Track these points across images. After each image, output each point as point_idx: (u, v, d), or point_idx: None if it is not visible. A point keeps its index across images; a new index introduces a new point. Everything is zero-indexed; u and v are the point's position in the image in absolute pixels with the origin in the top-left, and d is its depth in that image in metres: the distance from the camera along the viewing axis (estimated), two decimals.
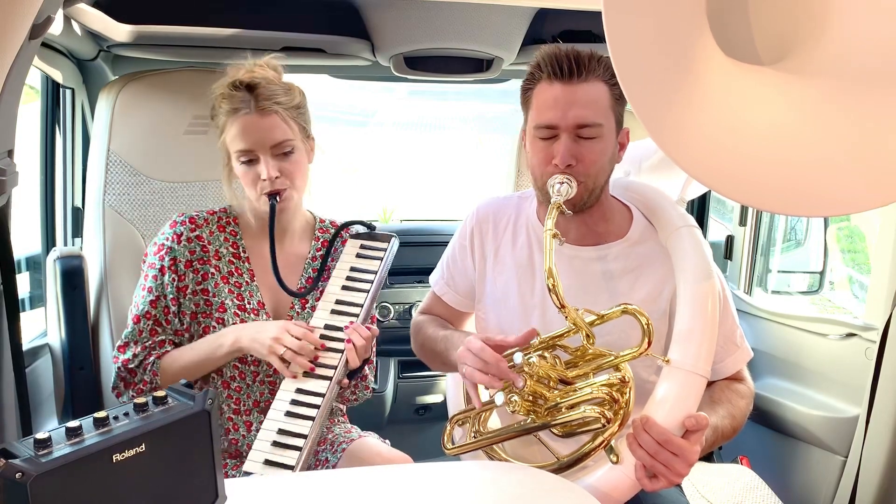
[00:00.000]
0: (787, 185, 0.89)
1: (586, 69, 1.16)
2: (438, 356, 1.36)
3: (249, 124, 1.29)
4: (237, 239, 1.41)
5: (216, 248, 1.39)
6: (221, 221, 1.42)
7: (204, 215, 1.40)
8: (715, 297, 1.18)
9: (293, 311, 1.42)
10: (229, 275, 1.38)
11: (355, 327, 1.30)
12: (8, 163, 1.06)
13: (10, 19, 0.87)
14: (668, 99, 0.87)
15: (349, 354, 1.29)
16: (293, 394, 1.28)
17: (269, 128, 1.29)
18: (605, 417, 1.07)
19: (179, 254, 1.35)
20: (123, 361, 1.33)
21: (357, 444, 1.37)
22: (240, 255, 1.40)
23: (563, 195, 1.16)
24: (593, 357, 1.13)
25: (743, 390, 1.27)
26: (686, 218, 1.28)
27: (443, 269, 1.48)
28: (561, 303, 1.09)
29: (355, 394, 1.48)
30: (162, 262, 1.35)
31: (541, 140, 1.21)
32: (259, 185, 1.31)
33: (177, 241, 1.36)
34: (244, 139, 1.29)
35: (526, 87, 1.24)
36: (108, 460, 0.73)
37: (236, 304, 1.37)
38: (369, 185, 6.96)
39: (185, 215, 1.39)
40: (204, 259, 1.37)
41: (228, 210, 1.44)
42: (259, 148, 1.30)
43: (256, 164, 1.30)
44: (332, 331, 1.33)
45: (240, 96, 1.29)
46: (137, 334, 1.34)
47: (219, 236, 1.40)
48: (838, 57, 0.92)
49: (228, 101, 1.30)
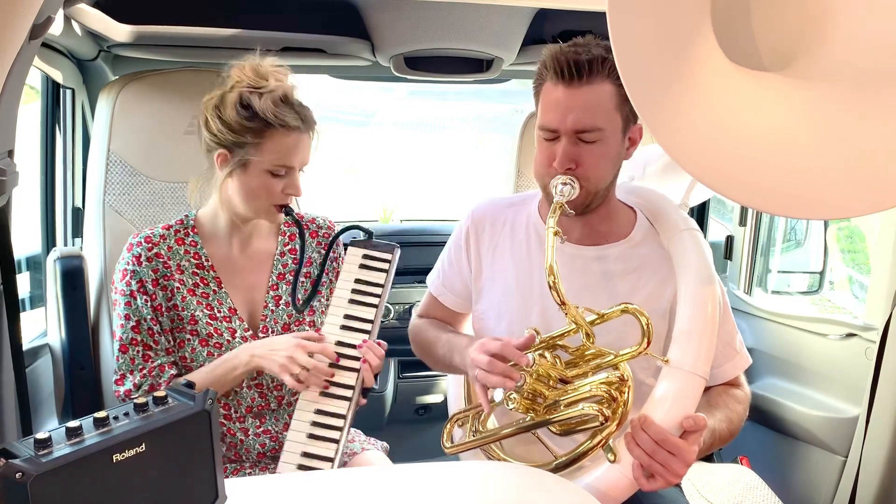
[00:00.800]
0: (787, 188, 0.89)
1: (589, 72, 1.15)
2: (441, 360, 1.36)
3: (300, 143, 1.31)
4: (198, 249, 1.39)
5: (177, 263, 1.36)
6: (179, 234, 1.39)
7: (160, 231, 1.38)
8: (715, 300, 1.18)
9: (267, 310, 1.40)
10: (195, 286, 1.36)
11: (370, 346, 1.30)
12: (8, 163, 1.06)
13: (10, 19, 0.87)
14: (670, 100, 0.87)
15: (366, 375, 1.29)
16: (313, 415, 1.27)
17: (307, 148, 1.34)
18: (604, 415, 1.08)
19: (144, 275, 1.33)
20: (125, 392, 1.31)
21: (358, 458, 1.38)
22: (203, 265, 1.38)
23: (565, 196, 1.16)
24: (593, 356, 1.13)
25: (740, 396, 1.28)
26: (688, 221, 1.29)
27: (439, 270, 1.48)
28: (561, 300, 1.09)
29: None
30: (130, 288, 1.33)
31: (545, 140, 1.22)
32: (278, 197, 1.33)
33: (137, 264, 1.33)
34: (292, 157, 1.31)
35: (537, 82, 1.24)
36: (109, 460, 0.73)
37: (207, 314, 1.35)
38: (369, 185, 6.97)
39: (139, 236, 1.37)
40: (167, 275, 1.35)
41: (185, 220, 1.41)
42: (298, 166, 1.33)
43: (283, 178, 1.32)
44: (346, 348, 1.32)
45: (290, 111, 1.29)
46: (130, 363, 1.32)
47: (178, 250, 1.37)
48: (840, 62, 0.92)
49: (278, 112, 1.28)
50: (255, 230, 1.43)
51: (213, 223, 1.40)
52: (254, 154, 1.29)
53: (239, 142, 1.29)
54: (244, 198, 1.33)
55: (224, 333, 1.35)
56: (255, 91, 1.28)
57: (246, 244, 1.42)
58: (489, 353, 1.11)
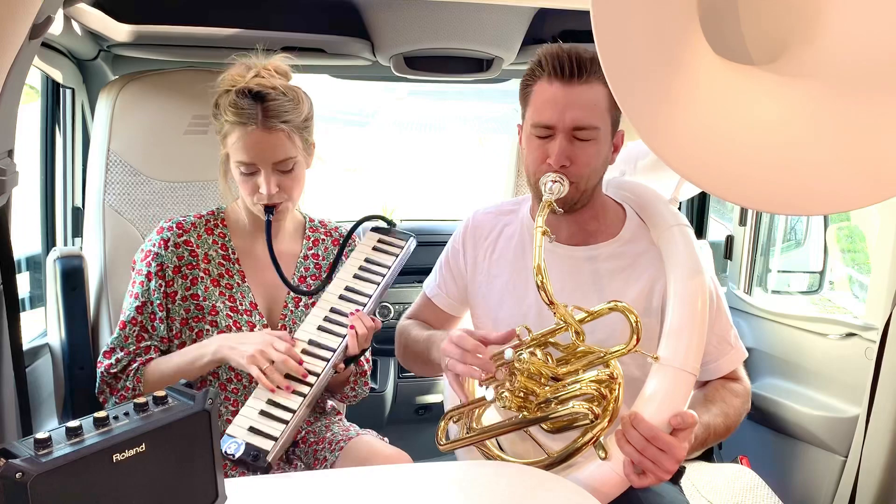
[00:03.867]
0: (776, 184, 0.89)
1: (587, 71, 1.17)
2: (419, 357, 1.37)
3: (254, 139, 1.26)
4: (226, 241, 1.40)
5: (205, 252, 1.38)
6: (209, 224, 1.41)
7: (192, 219, 1.39)
8: (705, 294, 1.18)
9: (287, 309, 1.41)
10: (219, 277, 1.38)
11: (360, 315, 1.29)
12: (8, 163, 1.06)
13: (10, 19, 0.87)
14: (657, 98, 0.86)
15: (350, 340, 1.28)
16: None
17: (273, 145, 1.27)
18: (594, 413, 1.08)
19: (167, 259, 1.34)
20: (106, 367, 1.32)
21: (355, 441, 1.37)
22: (229, 257, 1.40)
23: (554, 194, 1.17)
24: (583, 354, 1.14)
25: (738, 389, 1.28)
26: (678, 217, 1.29)
27: (436, 272, 1.50)
28: (550, 299, 1.10)
29: (354, 390, 1.48)
30: (149, 269, 1.34)
31: (537, 138, 1.22)
32: (256, 196, 1.31)
33: (164, 247, 1.35)
34: (247, 153, 1.27)
35: (526, 83, 1.24)
36: (109, 460, 0.73)
37: (228, 306, 1.36)
38: (370, 184, 6.97)
39: (172, 220, 1.38)
40: (192, 264, 1.36)
41: (216, 212, 1.43)
42: (261, 163, 1.28)
43: (256, 175, 1.29)
44: (337, 315, 1.32)
45: (247, 107, 1.26)
46: (123, 340, 1.33)
47: (207, 239, 1.39)
48: (829, 58, 0.92)
49: (234, 110, 1.26)
50: (280, 229, 1.43)
51: (238, 218, 1.42)
52: (224, 149, 1.31)
53: (221, 137, 1.32)
54: (241, 193, 1.35)
55: (243, 327, 1.36)
56: (229, 89, 1.28)
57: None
58: (453, 341, 1.14)
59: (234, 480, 1.00)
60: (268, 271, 1.39)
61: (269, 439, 1.17)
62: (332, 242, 1.49)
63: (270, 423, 1.19)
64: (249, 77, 1.28)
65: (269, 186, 1.28)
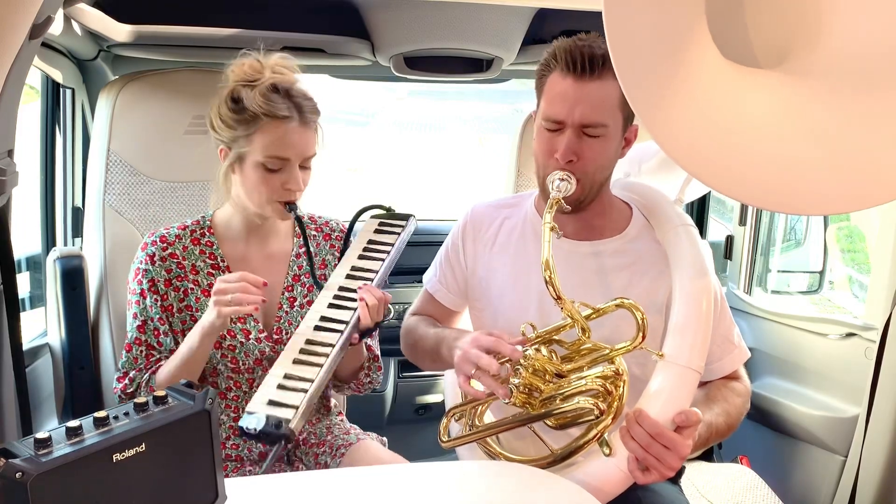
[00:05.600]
0: (781, 183, 0.90)
1: (599, 67, 1.17)
2: (429, 353, 1.36)
3: (293, 134, 1.27)
4: (213, 249, 1.38)
5: (192, 263, 1.36)
6: (195, 234, 1.38)
7: (175, 231, 1.38)
8: (710, 294, 1.19)
9: (282, 311, 1.40)
10: (210, 287, 1.34)
11: (368, 288, 1.28)
12: (8, 163, 1.06)
13: (10, 19, 0.87)
14: (666, 96, 0.87)
15: (361, 312, 1.26)
16: (302, 344, 1.25)
17: (308, 141, 1.30)
18: (599, 409, 1.08)
19: (156, 274, 1.33)
20: (122, 388, 1.31)
21: (356, 448, 1.37)
22: (218, 265, 1.38)
23: (562, 192, 1.18)
24: (588, 351, 1.14)
25: (739, 389, 1.28)
26: (683, 217, 1.30)
27: (436, 267, 1.50)
28: (557, 294, 1.09)
29: (369, 375, 1.45)
30: (141, 287, 1.33)
31: (547, 131, 1.23)
32: (278, 193, 1.30)
33: (150, 263, 1.33)
34: (284, 148, 1.27)
35: (541, 73, 1.25)
36: (109, 460, 0.73)
37: None
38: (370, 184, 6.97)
39: (154, 234, 1.37)
40: (181, 276, 1.35)
41: (202, 220, 1.41)
42: (295, 158, 1.29)
43: (281, 172, 1.29)
44: (346, 292, 1.32)
45: (282, 101, 1.26)
46: (133, 361, 1.33)
47: (193, 250, 1.37)
48: (835, 59, 0.93)
49: (269, 106, 1.25)
50: (272, 231, 1.42)
51: (229, 223, 1.40)
52: (245, 147, 1.28)
53: (234, 137, 1.29)
54: (246, 194, 1.32)
55: (238, 335, 1.35)
56: (248, 85, 1.27)
57: (262, 245, 1.41)
58: (482, 347, 1.11)
59: (234, 480, 1.00)
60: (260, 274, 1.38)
61: (289, 408, 1.16)
62: (324, 237, 1.48)
63: (289, 395, 1.18)
64: (269, 73, 1.28)
65: (300, 182, 1.31)
